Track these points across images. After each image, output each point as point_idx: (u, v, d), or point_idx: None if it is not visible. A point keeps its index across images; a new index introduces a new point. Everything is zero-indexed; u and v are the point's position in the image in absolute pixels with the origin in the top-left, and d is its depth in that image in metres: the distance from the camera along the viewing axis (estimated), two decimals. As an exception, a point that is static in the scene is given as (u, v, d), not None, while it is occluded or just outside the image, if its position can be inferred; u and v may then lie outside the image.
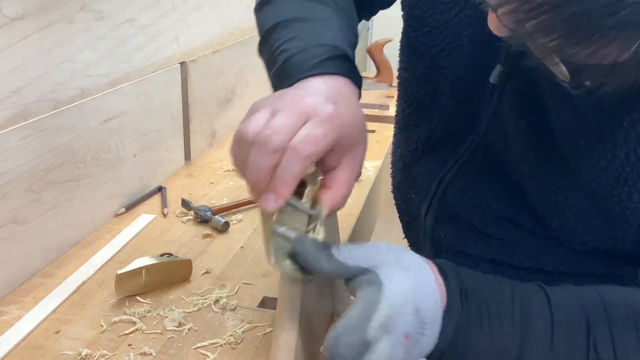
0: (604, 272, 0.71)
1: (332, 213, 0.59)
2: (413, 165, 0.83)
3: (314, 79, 0.62)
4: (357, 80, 0.66)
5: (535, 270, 0.73)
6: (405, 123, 0.85)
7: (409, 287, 0.51)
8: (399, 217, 0.91)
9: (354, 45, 0.74)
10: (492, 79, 0.66)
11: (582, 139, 0.61)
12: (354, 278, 0.54)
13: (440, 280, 0.55)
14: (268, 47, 0.72)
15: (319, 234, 0.57)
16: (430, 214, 0.78)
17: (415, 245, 0.88)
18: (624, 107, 0.58)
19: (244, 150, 0.54)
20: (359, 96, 0.66)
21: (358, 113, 0.60)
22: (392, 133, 1.52)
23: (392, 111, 1.79)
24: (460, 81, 0.72)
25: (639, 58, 0.44)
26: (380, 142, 1.54)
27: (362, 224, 1.16)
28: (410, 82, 0.81)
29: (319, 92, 0.58)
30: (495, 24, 0.51)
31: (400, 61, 0.82)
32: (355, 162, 0.59)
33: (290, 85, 0.62)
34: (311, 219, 0.58)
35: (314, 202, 0.58)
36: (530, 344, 0.55)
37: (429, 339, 0.53)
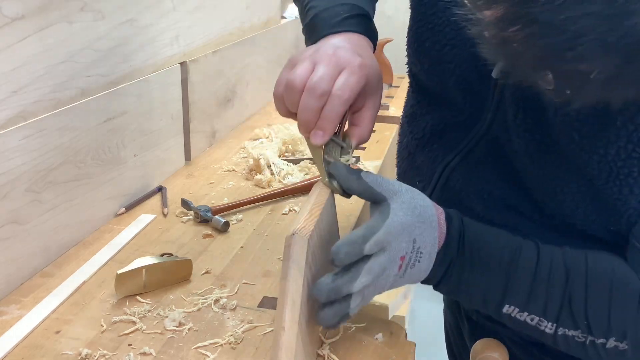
0: None
1: (360, 143, 0.74)
2: (418, 153, 0.85)
3: (338, 35, 0.75)
4: (373, 36, 0.80)
5: None
6: (413, 112, 0.88)
7: (409, 221, 0.63)
8: None
9: (373, 4, 0.86)
10: (495, 73, 0.68)
11: (576, 134, 0.63)
12: (372, 204, 0.66)
13: (443, 223, 0.66)
14: (300, 2, 0.85)
15: (349, 162, 0.72)
16: (433, 199, 0.80)
17: None
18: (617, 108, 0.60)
19: (294, 96, 0.68)
20: (374, 48, 0.79)
21: (375, 63, 0.74)
22: (392, 133, 1.53)
23: (392, 111, 1.80)
24: (465, 75, 0.75)
25: (598, 84, 0.49)
26: (380, 142, 1.54)
27: (362, 223, 1.16)
28: (417, 74, 0.85)
29: (346, 47, 0.71)
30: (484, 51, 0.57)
31: (408, 55, 0.85)
32: (376, 103, 0.75)
33: (317, 39, 0.76)
34: (343, 150, 0.73)
35: (344, 137, 0.75)
36: (512, 288, 0.65)
37: (425, 266, 0.65)
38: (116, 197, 1.10)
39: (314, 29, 0.78)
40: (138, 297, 0.85)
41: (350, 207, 1.14)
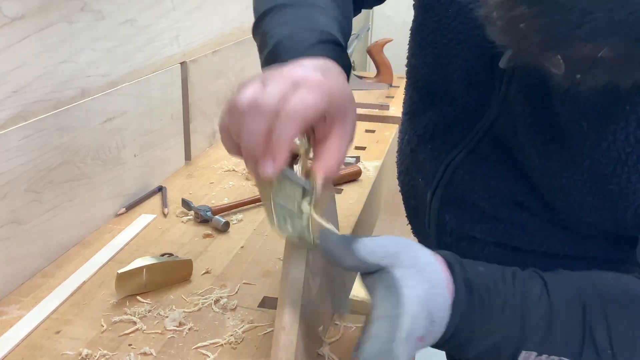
0: (606, 256, 0.72)
1: (327, 182, 0.60)
2: (420, 150, 0.84)
3: (303, 60, 0.62)
4: (345, 63, 0.67)
5: (539, 254, 0.74)
6: (414, 109, 0.87)
7: (423, 292, 0.54)
8: (404, 203, 0.92)
9: (346, 33, 0.76)
10: (502, 64, 0.67)
11: (584, 121, 0.63)
12: (371, 274, 0.56)
13: (449, 276, 0.57)
14: (261, 31, 0.73)
15: (312, 206, 0.59)
16: (437, 197, 0.80)
17: (419, 230, 0.89)
18: (626, 91, 0.59)
19: (237, 120, 0.55)
20: (347, 76, 0.66)
21: (345, 84, 0.61)
22: (392, 133, 1.53)
23: (392, 111, 1.80)
24: (471, 69, 0.74)
25: (606, 64, 0.48)
26: (380, 142, 1.54)
27: (362, 223, 1.16)
28: (420, 69, 0.83)
29: (307, 65, 0.59)
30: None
31: (410, 48, 0.84)
32: (345, 130, 0.60)
33: None
34: (305, 192, 0.59)
35: (309, 175, 0.59)
36: (530, 330, 0.57)
37: (437, 334, 0.56)
38: (116, 197, 1.10)
39: (276, 58, 0.66)
40: (138, 297, 0.85)
41: (350, 207, 1.14)
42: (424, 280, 0.55)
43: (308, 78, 0.56)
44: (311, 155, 0.61)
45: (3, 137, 0.82)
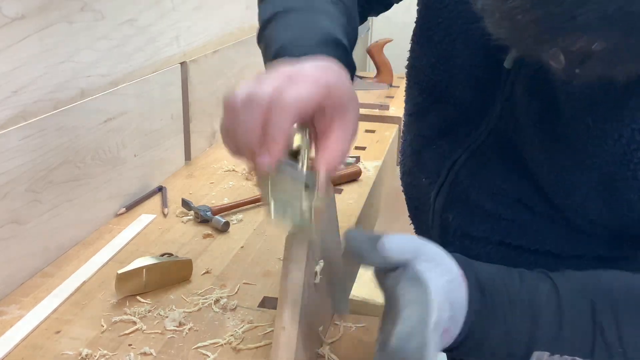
0: (610, 255, 0.72)
1: (330, 176, 0.60)
2: (424, 150, 0.84)
3: (303, 59, 0.62)
4: (348, 63, 0.67)
5: (543, 253, 0.74)
6: (417, 110, 0.87)
7: (445, 283, 0.55)
8: (407, 204, 0.93)
9: (351, 39, 0.75)
10: (507, 64, 0.67)
11: (590, 119, 0.63)
12: (393, 270, 0.56)
13: (463, 273, 0.58)
14: (266, 36, 0.73)
15: (315, 199, 0.59)
16: (440, 196, 0.80)
17: (422, 230, 0.89)
18: (631, 87, 0.59)
19: (233, 116, 0.56)
20: (350, 78, 0.67)
21: (345, 80, 0.61)
22: (392, 133, 1.53)
23: (392, 111, 1.81)
24: (475, 68, 0.74)
25: (599, 57, 0.48)
26: (380, 142, 1.54)
27: (362, 224, 1.16)
28: (423, 70, 0.83)
29: (305, 64, 0.59)
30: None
31: (412, 50, 0.84)
32: (346, 124, 0.59)
33: None
34: (308, 189, 0.59)
35: (311, 169, 0.59)
36: (540, 330, 0.58)
37: (455, 330, 0.56)
38: (116, 197, 1.10)
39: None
40: (138, 297, 0.85)
41: (350, 207, 1.14)
42: (444, 272, 0.56)
43: (303, 72, 0.57)
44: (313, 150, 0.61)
45: (3, 137, 0.82)
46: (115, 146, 1.07)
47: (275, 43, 0.69)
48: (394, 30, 2.02)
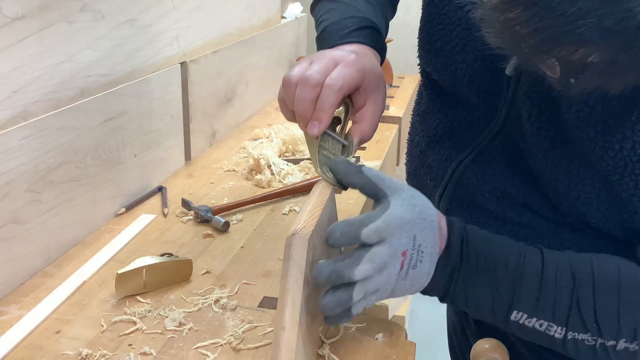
0: None
1: (362, 142, 0.75)
2: (430, 152, 0.85)
3: (343, 46, 0.77)
4: (381, 48, 0.81)
5: None
6: (425, 110, 0.88)
7: (409, 217, 0.62)
8: None
9: (387, 16, 0.90)
10: (508, 71, 0.68)
11: (591, 130, 0.63)
12: (375, 202, 0.65)
13: (444, 226, 0.65)
14: (315, 15, 0.88)
15: (351, 160, 0.71)
16: (445, 198, 0.80)
17: None
18: (632, 99, 0.60)
19: (290, 91, 0.70)
20: (381, 60, 0.82)
21: (377, 65, 0.76)
22: (392, 133, 1.53)
23: (392, 111, 1.81)
24: (477, 74, 0.75)
25: (596, 68, 0.50)
26: (380, 142, 1.54)
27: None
28: (429, 74, 0.85)
29: (345, 49, 0.75)
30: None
31: (419, 55, 0.85)
32: (377, 102, 0.75)
33: None
34: (344, 149, 0.74)
35: (347, 136, 0.75)
36: (520, 293, 0.64)
37: (427, 267, 0.63)
38: (116, 197, 1.10)
39: (323, 42, 0.81)
40: (138, 297, 0.85)
41: (350, 207, 1.14)
42: (413, 211, 0.62)
43: (344, 57, 0.71)
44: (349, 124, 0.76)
45: (3, 137, 0.82)
46: (115, 146, 1.07)
47: (321, 24, 0.84)
48: (394, 30, 2.01)
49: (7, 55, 0.83)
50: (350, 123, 0.77)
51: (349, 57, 0.71)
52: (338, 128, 0.76)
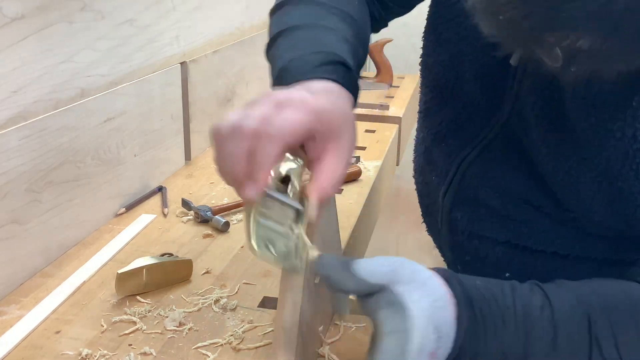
0: (616, 257, 0.72)
1: (323, 205, 0.58)
2: (434, 148, 0.84)
3: (302, 83, 0.62)
4: (350, 83, 0.66)
5: (550, 254, 0.74)
6: (427, 107, 0.87)
7: (428, 306, 0.53)
8: (419, 202, 0.93)
9: (358, 53, 0.75)
10: (513, 61, 0.67)
11: (593, 116, 0.63)
12: (371, 295, 0.55)
13: (448, 290, 0.56)
14: (271, 55, 0.74)
15: (304, 228, 0.58)
16: (449, 195, 0.80)
17: (433, 229, 0.89)
18: (634, 86, 0.60)
19: (221, 146, 0.55)
20: (353, 100, 0.66)
21: (340, 104, 0.60)
22: (392, 133, 1.53)
23: (392, 111, 1.81)
24: (484, 67, 0.74)
25: (585, 54, 0.49)
26: (380, 142, 1.54)
27: (362, 224, 1.16)
28: (434, 67, 0.83)
29: (297, 89, 0.58)
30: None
31: (424, 47, 0.84)
32: (340, 152, 0.58)
33: None
34: (299, 215, 0.58)
35: (302, 198, 0.59)
36: (534, 343, 0.56)
37: (444, 350, 0.55)
38: (116, 197, 1.10)
39: (281, 81, 0.66)
40: (138, 297, 0.85)
41: (350, 207, 1.14)
42: (426, 294, 0.54)
43: (292, 98, 0.56)
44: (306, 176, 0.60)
45: (3, 137, 0.82)
46: (115, 146, 1.07)
47: (278, 63, 0.69)
48: (394, 30, 2.01)
49: (7, 55, 0.83)
50: (308, 179, 0.61)
51: (298, 96, 0.56)
52: (289, 189, 0.60)
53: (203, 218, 1.07)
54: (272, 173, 0.56)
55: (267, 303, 0.84)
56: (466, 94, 0.78)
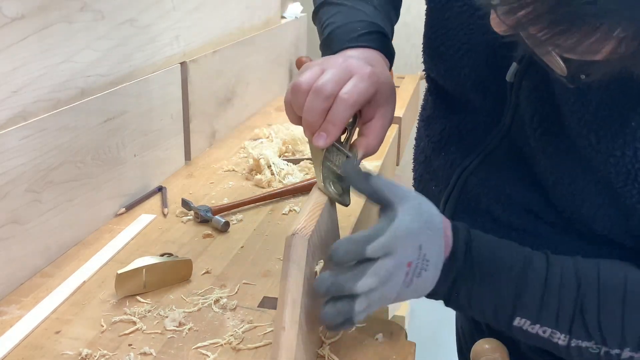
0: None
1: (367, 156, 0.73)
2: (435, 157, 0.85)
3: (352, 50, 0.75)
4: (389, 54, 0.79)
5: None
6: (429, 115, 0.88)
7: (417, 226, 0.61)
8: None
9: (393, 21, 0.87)
10: (509, 77, 0.68)
11: (593, 136, 0.62)
12: (381, 209, 0.64)
13: (449, 234, 0.64)
14: (318, 19, 0.85)
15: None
16: (450, 204, 0.80)
17: None
18: (633, 105, 0.59)
19: (299, 98, 0.68)
20: (390, 67, 0.79)
21: (389, 76, 0.73)
22: (392, 133, 1.53)
23: (392, 111, 1.80)
24: (481, 79, 0.74)
25: (621, 48, 0.48)
26: (380, 142, 1.54)
27: (362, 224, 1.16)
28: (436, 79, 0.85)
29: (358, 57, 0.72)
30: (494, 20, 0.55)
31: (424, 59, 0.85)
32: (386, 115, 0.73)
33: (332, 54, 0.75)
34: (348, 160, 0.71)
35: (352, 147, 0.73)
36: (523, 300, 0.63)
37: (431, 275, 0.62)
38: (116, 197, 1.10)
39: (330, 45, 0.78)
40: (138, 297, 0.85)
41: (350, 207, 1.14)
42: (420, 220, 0.61)
43: (360, 69, 0.68)
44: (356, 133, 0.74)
45: (3, 137, 0.82)
46: (115, 146, 1.07)
47: (327, 27, 0.81)
48: (394, 30, 2.02)
49: (7, 55, 0.83)
50: (356, 134, 0.75)
51: (364, 69, 0.68)
52: (343, 138, 0.74)
53: (203, 218, 1.07)
54: None
55: (267, 303, 0.84)
56: (467, 103, 0.78)
